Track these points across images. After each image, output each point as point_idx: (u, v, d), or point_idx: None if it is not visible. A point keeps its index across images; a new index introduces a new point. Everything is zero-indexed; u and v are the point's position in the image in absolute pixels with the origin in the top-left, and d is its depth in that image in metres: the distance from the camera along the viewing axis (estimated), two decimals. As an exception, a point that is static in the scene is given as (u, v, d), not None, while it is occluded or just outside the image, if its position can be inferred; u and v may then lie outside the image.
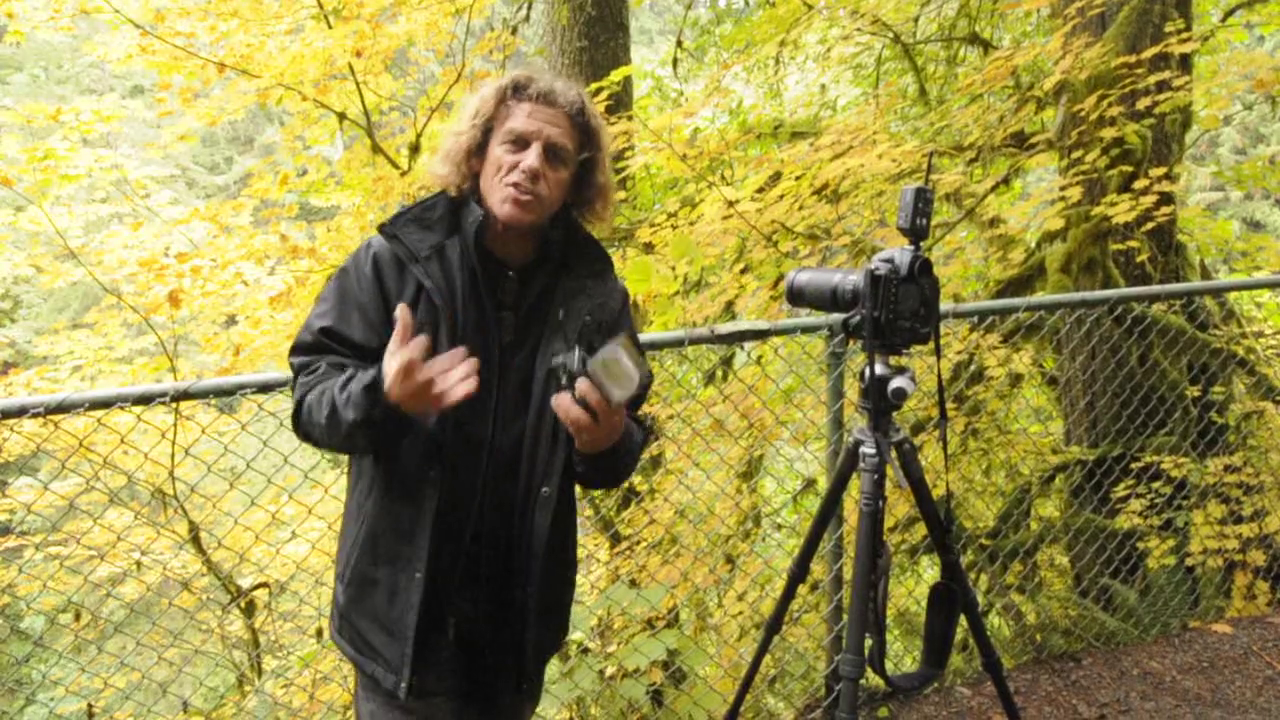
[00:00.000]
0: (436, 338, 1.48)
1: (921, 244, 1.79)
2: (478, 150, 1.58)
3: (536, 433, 1.58)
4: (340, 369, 1.52)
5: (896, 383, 1.79)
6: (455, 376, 1.37)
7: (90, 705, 3.73)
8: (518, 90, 1.56)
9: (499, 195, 1.54)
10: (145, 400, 2.17)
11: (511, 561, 1.59)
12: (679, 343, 2.54)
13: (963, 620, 2.04)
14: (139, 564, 4.63)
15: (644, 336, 2.61)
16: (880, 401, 1.85)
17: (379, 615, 1.56)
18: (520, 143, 1.54)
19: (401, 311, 1.39)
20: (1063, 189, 4.11)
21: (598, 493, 5.20)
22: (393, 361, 1.37)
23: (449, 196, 1.61)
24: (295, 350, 1.60)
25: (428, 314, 1.52)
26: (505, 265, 1.61)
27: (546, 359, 1.57)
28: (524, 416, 1.58)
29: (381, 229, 1.58)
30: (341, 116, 6.47)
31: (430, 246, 1.56)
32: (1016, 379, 4.42)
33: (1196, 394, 4.06)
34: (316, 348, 1.57)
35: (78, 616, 4.27)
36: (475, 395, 1.42)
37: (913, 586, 4.17)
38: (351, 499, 1.65)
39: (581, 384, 1.38)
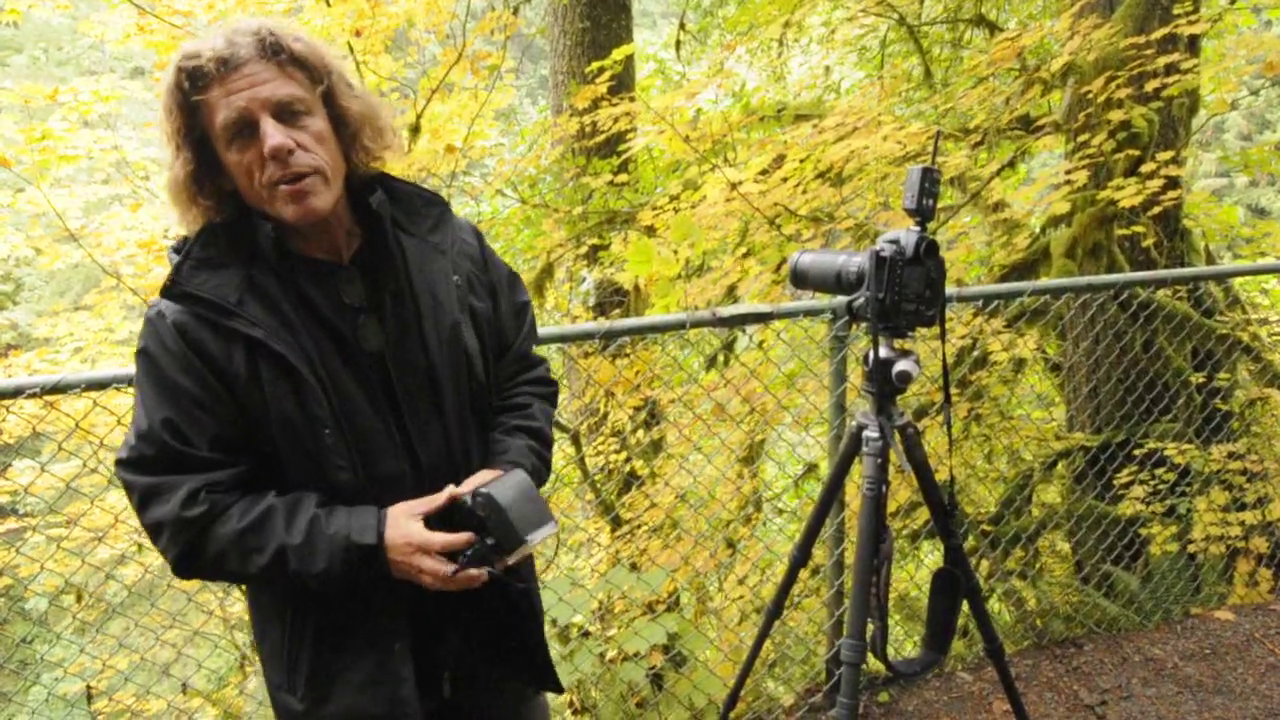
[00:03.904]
0: (298, 391, 1.24)
1: (927, 225, 1.77)
2: (206, 171, 1.26)
3: (461, 424, 1.39)
4: (213, 491, 1.24)
5: (901, 366, 1.77)
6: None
7: (90, 686, 3.74)
8: (195, 79, 1.20)
9: (275, 202, 1.24)
10: (142, 381, 2.15)
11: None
12: (680, 325, 2.52)
13: (964, 606, 2.03)
14: (140, 546, 4.63)
15: (646, 320, 2.59)
16: (884, 385, 1.82)
17: (361, 707, 1.34)
18: (245, 130, 1.21)
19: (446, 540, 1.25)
20: (1069, 173, 4.07)
21: (599, 476, 5.20)
22: (432, 561, 1.25)
23: (219, 222, 1.29)
24: (136, 466, 1.25)
25: (275, 368, 1.23)
26: (334, 263, 1.33)
27: (441, 340, 1.36)
28: (440, 417, 1.37)
29: (167, 292, 1.24)
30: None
31: (235, 287, 1.24)
32: (1020, 364, 4.39)
33: (1201, 380, 4.04)
34: (165, 457, 1.23)
35: (79, 598, 4.28)
36: (374, 432, 1.31)
37: (914, 572, 4.17)
38: (263, 598, 1.40)
39: (515, 565, 1.30)
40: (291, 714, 1.37)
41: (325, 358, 1.28)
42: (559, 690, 1.56)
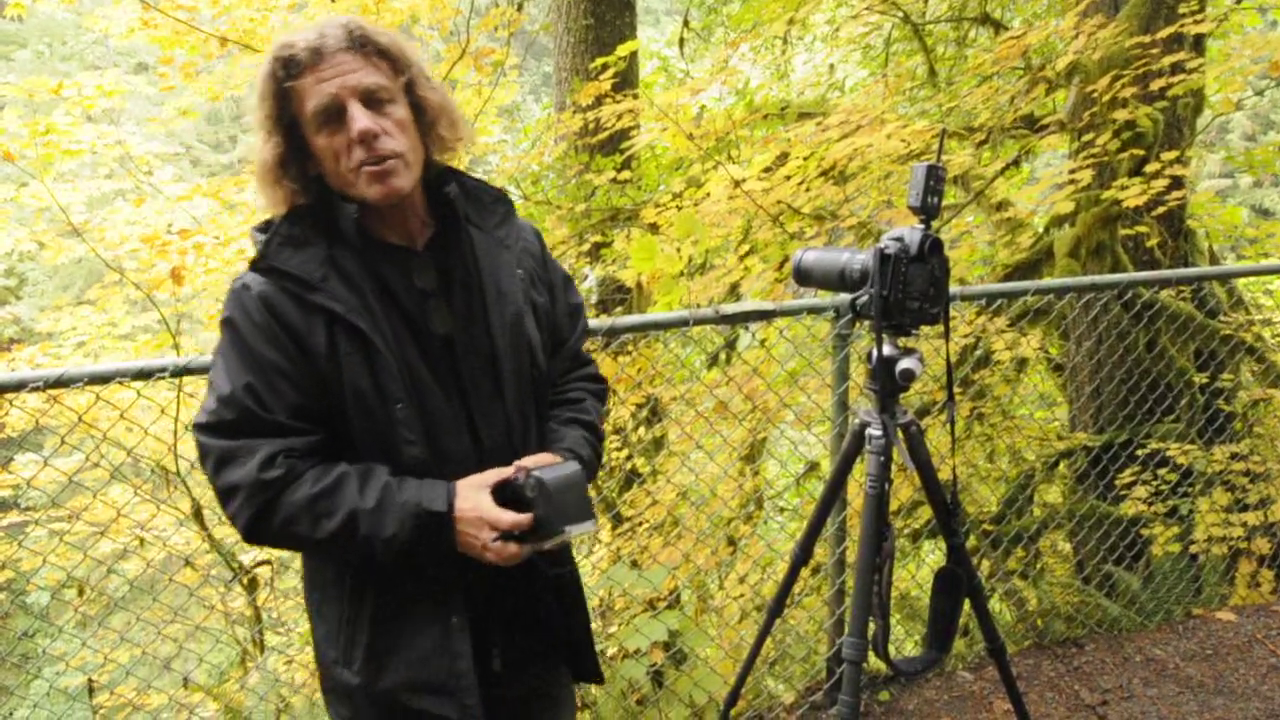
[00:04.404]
0: (373, 365, 1.30)
1: (931, 223, 1.76)
2: (294, 155, 1.33)
3: (522, 410, 1.44)
4: (290, 456, 1.29)
5: (905, 364, 1.77)
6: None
7: (91, 680, 3.74)
8: (289, 67, 1.29)
9: (359, 184, 1.31)
10: (145, 375, 2.15)
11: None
12: (683, 323, 2.52)
13: (966, 605, 2.02)
14: (142, 540, 4.63)
15: (648, 317, 2.59)
16: (887, 383, 1.82)
17: (419, 679, 1.36)
18: (334, 116, 1.29)
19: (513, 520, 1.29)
20: (1073, 172, 4.06)
21: (600, 474, 5.20)
22: (489, 536, 1.29)
23: (305, 204, 1.36)
24: (215, 430, 1.29)
25: (352, 343, 1.30)
26: (409, 249, 1.40)
27: (505, 329, 1.41)
28: (501, 401, 1.41)
29: (255, 266, 1.32)
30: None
31: (320, 264, 1.31)
32: (1022, 363, 4.39)
33: (1204, 381, 4.03)
34: (245, 422, 1.28)
35: (81, 592, 4.29)
36: (441, 412, 1.35)
37: (915, 571, 4.16)
38: (321, 574, 1.43)
39: (549, 550, 1.35)
40: (347, 688, 1.39)
41: (398, 336, 1.34)
42: (599, 680, 1.59)
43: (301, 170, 1.34)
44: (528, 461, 1.36)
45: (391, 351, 1.31)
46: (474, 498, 1.31)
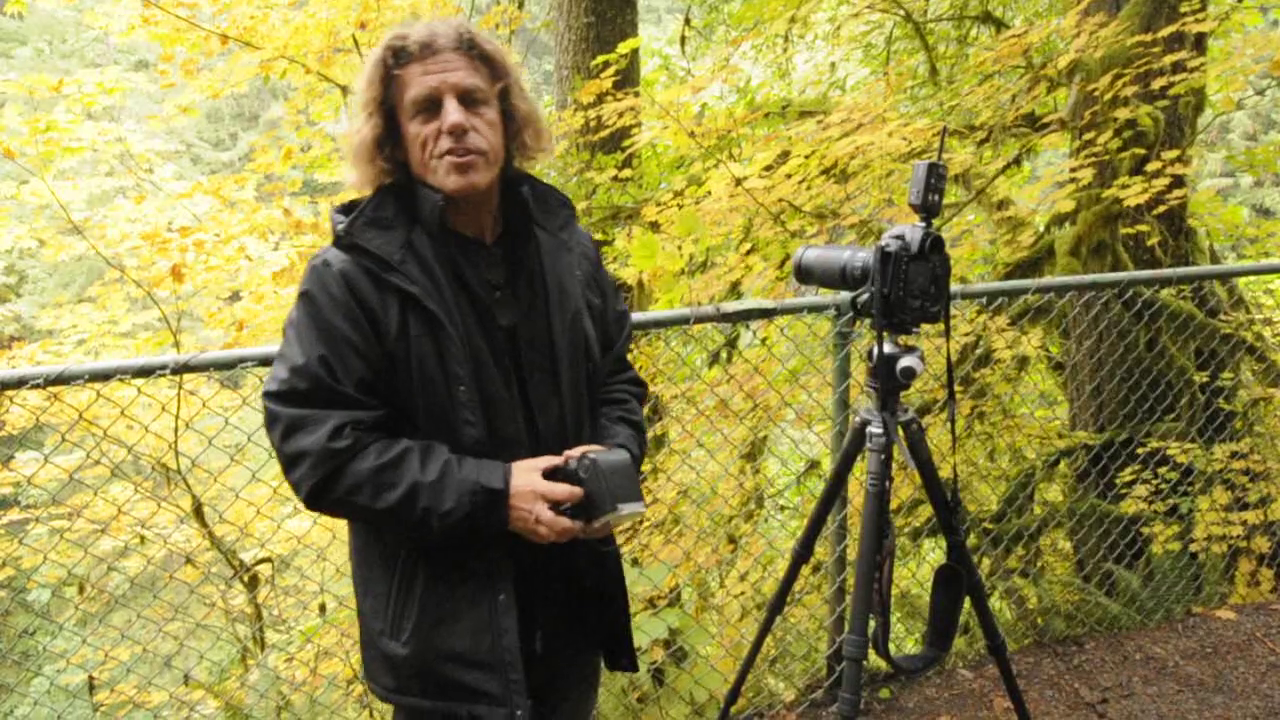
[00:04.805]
0: (441, 347, 1.37)
1: (932, 221, 1.76)
2: (388, 138, 1.42)
3: (577, 404, 1.50)
4: (357, 429, 1.35)
5: (905, 361, 1.77)
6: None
7: (92, 678, 3.75)
8: (398, 56, 1.39)
9: (440, 171, 1.38)
10: (146, 372, 2.15)
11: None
12: (684, 321, 2.52)
13: (966, 603, 2.02)
14: (142, 538, 4.63)
15: (650, 315, 2.58)
16: (888, 381, 1.82)
17: (465, 652, 1.40)
18: (430, 107, 1.38)
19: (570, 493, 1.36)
20: (1074, 170, 4.06)
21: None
22: (547, 511, 1.35)
23: (389, 189, 1.44)
24: (286, 398, 1.35)
25: (423, 324, 1.36)
26: (480, 242, 1.48)
27: (564, 324, 1.48)
28: (557, 392, 1.48)
29: (339, 241, 1.39)
30: (345, 90, 6.42)
31: (399, 247, 1.38)
32: (1023, 362, 4.39)
33: (1204, 380, 4.03)
34: (316, 392, 1.34)
35: (81, 590, 4.29)
36: (500, 397, 1.41)
37: (915, 569, 4.16)
38: (370, 547, 1.48)
39: (598, 529, 1.41)
40: (393, 658, 1.44)
41: (467, 323, 1.41)
42: (634, 668, 1.63)
43: (391, 153, 1.43)
44: (576, 451, 1.42)
45: (460, 335, 1.38)
46: (528, 477, 1.38)
